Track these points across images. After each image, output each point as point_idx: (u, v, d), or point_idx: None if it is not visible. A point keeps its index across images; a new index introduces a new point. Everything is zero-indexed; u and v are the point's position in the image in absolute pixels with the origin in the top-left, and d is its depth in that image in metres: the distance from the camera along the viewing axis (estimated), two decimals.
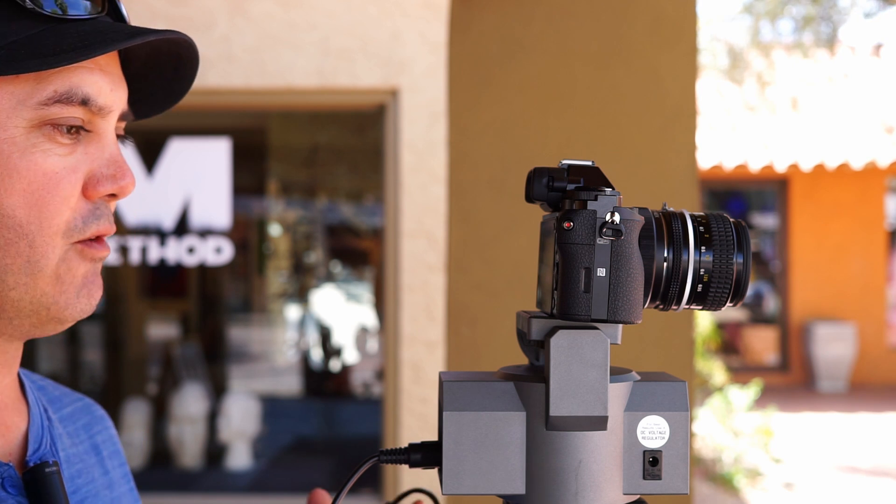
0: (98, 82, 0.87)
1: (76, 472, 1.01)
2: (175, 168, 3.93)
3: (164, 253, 3.99)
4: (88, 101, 0.86)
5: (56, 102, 0.84)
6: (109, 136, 0.90)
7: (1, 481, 0.90)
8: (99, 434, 1.09)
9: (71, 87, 0.85)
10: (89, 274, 0.90)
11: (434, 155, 3.65)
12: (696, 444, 7.20)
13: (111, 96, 0.89)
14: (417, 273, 3.66)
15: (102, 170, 0.89)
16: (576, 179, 0.88)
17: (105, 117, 0.89)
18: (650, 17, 3.74)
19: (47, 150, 0.85)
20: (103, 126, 0.89)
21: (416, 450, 0.91)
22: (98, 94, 0.87)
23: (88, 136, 0.88)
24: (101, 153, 0.89)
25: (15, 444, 0.94)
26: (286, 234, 7.01)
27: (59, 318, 0.89)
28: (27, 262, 0.85)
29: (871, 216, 12.12)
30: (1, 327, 0.89)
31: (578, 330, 0.85)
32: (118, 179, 0.89)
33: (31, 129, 0.84)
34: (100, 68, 0.88)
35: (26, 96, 0.84)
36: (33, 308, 0.87)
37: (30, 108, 0.84)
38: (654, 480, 0.87)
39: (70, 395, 1.10)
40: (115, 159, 0.89)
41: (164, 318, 6.40)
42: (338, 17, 3.67)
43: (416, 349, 3.67)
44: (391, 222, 3.71)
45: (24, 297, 0.87)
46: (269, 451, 5.14)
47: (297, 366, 6.91)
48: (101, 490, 1.03)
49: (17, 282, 0.86)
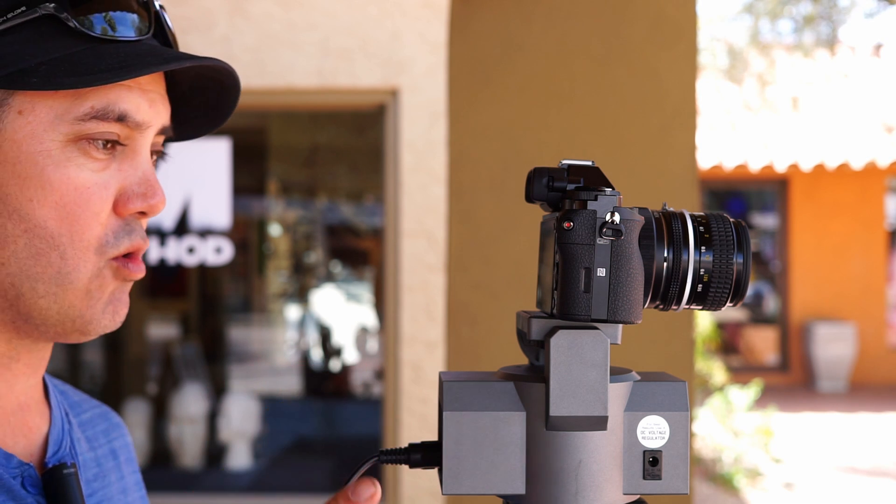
0: (136, 100, 0.89)
1: (93, 475, 1.03)
2: (175, 168, 3.93)
3: (164, 253, 3.99)
4: (126, 118, 0.88)
5: (93, 118, 0.87)
6: (144, 154, 0.92)
7: (21, 480, 0.91)
8: (116, 440, 1.11)
9: (108, 103, 0.87)
10: (118, 291, 0.92)
11: (434, 155, 3.65)
12: (696, 444, 7.20)
13: (149, 112, 0.91)
14: (417, 273, 3.66)
15: (134, 187, 0.91)
16: (576, 179, 0.88)
17: (143, 133, 0.91)
18: (650, 17, 3.74)
19: (81, 165, 0.87)
20: (140, 142, 0.91)
21: (416, 450, 0.91)
22: (136, 110, 0.89)
23: (123, 151, 0.90)
24: (134, 171, 0.91)
25: (36, 446, 0.96)
26: (286, 234, 7.02)
27: (83, 330, 0.91)
28: (58, 273, 0.88)
29: (871, 216, 12.12)
30: (28, 331, 0.91)
31: (578, 330, 0.85)
32: (148, 198, 0.91)
33: (68, 143, 0.87)
34: (139, 87, 0.90)
35: (64, 111, 0.86)
36: (59, 318, 0.89)
37: (67, 123, 0.86)
38: (654, 480, 0.87)
39: (89, 402, 1.12)
40: (146, 178, 0.91)
41: (164, 318, 6.40)
42: (338, 17, 3.67)
43: (416, 349, 3.67)
44: (391, 222, 3.71)
45: (52, 307, 0.89)
46: (269, 451, 5.14)
47: (297, 366, 6.91)
48: (115, 495, 1.05)
49: (48, 291, 0.88)
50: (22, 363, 0.94)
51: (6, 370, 0.93)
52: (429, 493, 3.65)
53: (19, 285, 0.88)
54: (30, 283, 0.88)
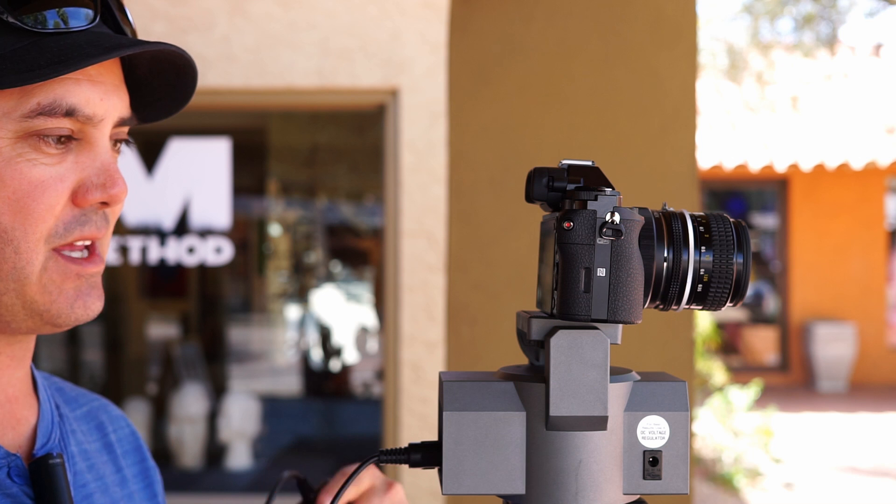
0: (85, 93, 0.88)
1: (87, 467, 1.03)
2: (175, 168, 3.93)
3: (164, 253, 3.99)
4: (74, 112, 0.87)
5: (39, 115, 0.86)
6: (101, 145, 0.91)
7: (7, 471, 0.92)
8: (114, 433, 1.12)
9: (55, 98, 0.86)
10: (83, 287, 0.91)
11: (434, 155, 3.65)
12: (696, 444, 7.20)
13: (101, 105, 0.89)
14: (417, 273, 3.66)
15: (93, 178, 0.90)
16: (576, 179, 0.88)
17: (96, 126, 0.90)
18: (650, 17, 3.74)
19: (33, 160, 0.87)
20: (95, 135, 0.90)
21: (416, 450, 0.91)
22: (85, 104, 0.88)
23: (79, 144, 0.89)
24: (92, 162, 0.90)
25: (24, 437, 0.97)
26: (286, 234, 7.02)
27: (55, 323, 0.91)
28: (13, 269, 0.88)
29: (871, 216, 12.12)
30: (2, 327, 0.92)
31: (578, 330, 0.85)
32: (108, 188, 0.90)
33: (17, 139, 0.86)
34: (88, 78, 0.89)
35: (11, 109, 0.86)
36: (27, 313, 0.90)
37: (14, 121, 0.86)
38: (654, 480, 0.87)
39: (86, 396, 1.13)
40: (105, 168, 0.91)
41: (164, 318, 6.40)
42: (338, 17, 3.67)
43: (416, 349, 3.67)
44: (391, 222, 3.71)
45: (16, 303, 0.89)
46: (269, 451, 5.14)
47: (297, 366, 6.91)
48: (111, 486, 1.06)
49: (7, 287, 0.88)
50: (5, 356, 0.95)
51: None
52: (429, 493, 3.65)
53: None
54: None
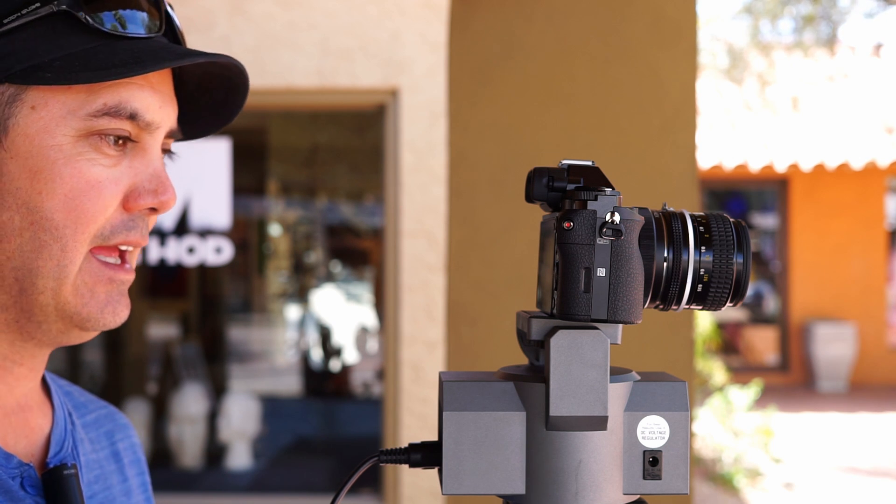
0: (147, 99, 0.90)
1: (94, 477, 1.02)
2: (175, 168, 3.92)
3: (164, 253, 3.99)
4: (136, 116, 0.89)
5: (105, 115, 0.87)
6: (155, 152, 0.93)
7: (20, 481, 0.91)
8: (121, 441, 1.11)
9: (120, 101, 0.88)
10: (114, 293, 0.92)
11: (434, 155, 3.65)
12: (696, 444, 7.20)
13: (159, 113, 0.91)
14: (417, 273, 3.66)
15: (145, 184, 0.91)
16: (576, 179, 0.88)
17: (152, 133, 0.92)
18: (650, 17, 3.74)
19: (92, 160, 0.88)
20: (150, 141, 0.92)
21: (416, 450, 0.91)
22: (146, 109, 0.90)
23: (134, 149, 0.91)
24: (145, 168, 0.92)
25: (37, 446, 0.97)
26: (286, 234, 7.02)
27: (83, 326, 0.91)
28: (57, 266, 0.88)
29: (871, 216, 12.12)
30: (31, 331, 0.91)
31: (578, 330, 0.85)
32: (159, 194, 0.92)
33: (79, 138, 0.87)
34: (150, 85, 0.90)
35: (77, 107, 0.87)
36: (58, 314, 0.90)
37: (79, 119, 0.87)
38: (654, 480, 0.87)
39: (95, 402, 1.12)
40: (158, 174, 0.92)
41: (164, 318, 6.40)
42: (338, 17, 3.67)
43: (416, 349, 3.67)
44: (391, 222, 3.71)
45: (51, 303, 0.89)
46: (269, 451, 5.13)
47: (297, 366, 6.91)
48: (118, 497, 1.05)
49: (46, 286, 0.88)
50: (25, 367, 0.95)
51: (8, 373, 0.93)
52: (429, 493, 3.65)
53: (22, 279, 0.88)
54: (31, 279, 0.88)
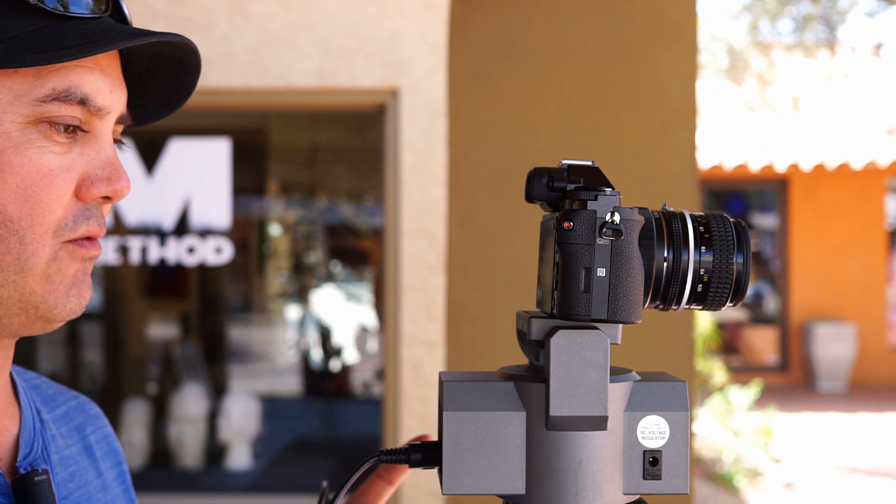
0: (97, 82, 0.86)
1: (69, 475, 0.99)
2: (175, 168, 3.93)
3: (164, 253, 3.99)
4: (87, 101, 0.85)
5: (54, 100, 0.83)
6: (106, 138, 0.89)
7: None
8: (93, 434, 1.07)
9: (70, 85, 0.84)
10: (79, 273, 0.88)
11: (434, 155, 3.65)
12: (696, 444, 7.20)
13: (110, 97, 0.88)
14: (417, 273, 3.66)
15: (97, 171, 0.87)
16: (576, 179, 0.88)
17: (103, 118, 0.88)
18: (650, 17, 3.74)
19: (43, 147, 0.84)
20: (100, 127, 0.88)
21: (416, 450, 0.91)
22: (97, 94, 0.86)
23: (85, 136, 0.87)
24: (97, 155, 0.88)
25: (5, 448, 0.93)
26: (286, 234, 7.01)
27: (48, 317, 0.87)
28: (17, 260, 0.84)
29: (871, 216, 12.12)
30: None
31: (578, 330, 0.85)
32: (113, 182, 0.88)
33: (28, 125, 0.83)
34: (100, 69, 0.87)
35: (24, 92, 0.83)
36: (22, 306, 0.86)
37: (27, 105, 0.83)
38: (654, 480, 0.87)
39: (64, 394, 1.08)
40: (110, 162, 0.88)
41: (164, 318, 6.40)
42: (338, 17, 3.67)
43: (416, 349, 3.67)
44: (391, 222, 3.71)
45: (13, 295, 0.85)
46: (269, 451, 5.14)
47: (297, 366, 6.91)
48: (94, 493, 1.02)
49: (6, 279, 0.84)
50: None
51: None
52: (429, 493, 3.65)
53: None
54: None
